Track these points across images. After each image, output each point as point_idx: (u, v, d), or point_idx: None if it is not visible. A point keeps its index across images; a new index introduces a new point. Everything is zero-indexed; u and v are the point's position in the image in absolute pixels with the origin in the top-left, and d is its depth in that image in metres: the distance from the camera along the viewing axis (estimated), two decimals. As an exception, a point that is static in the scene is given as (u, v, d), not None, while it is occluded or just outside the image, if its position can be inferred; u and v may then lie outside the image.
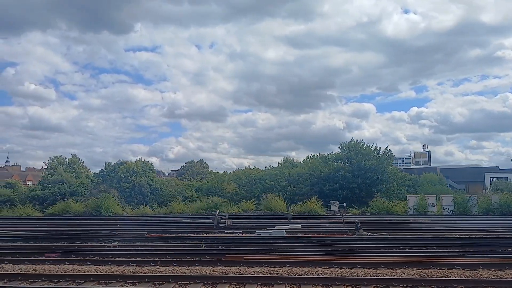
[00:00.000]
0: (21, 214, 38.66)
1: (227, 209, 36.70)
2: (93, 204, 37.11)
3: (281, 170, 49.34)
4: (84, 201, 41.48)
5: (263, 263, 12.07)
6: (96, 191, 49.34)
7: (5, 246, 16.98)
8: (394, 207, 33.58)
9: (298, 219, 27.67)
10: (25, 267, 12.19)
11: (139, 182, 50.48)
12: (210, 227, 23.92)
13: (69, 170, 56.15)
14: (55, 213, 37.74)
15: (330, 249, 15.35)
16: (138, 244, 17.64)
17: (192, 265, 12.31)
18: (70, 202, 39.48)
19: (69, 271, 11.48)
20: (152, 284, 10.21)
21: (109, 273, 11.08)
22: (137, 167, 52.01)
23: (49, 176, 53.76)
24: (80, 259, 13.78)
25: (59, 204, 39.73)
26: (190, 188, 50.39)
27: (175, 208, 37.44)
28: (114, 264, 12.66)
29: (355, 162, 45.48)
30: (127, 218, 33.38)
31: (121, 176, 50.78)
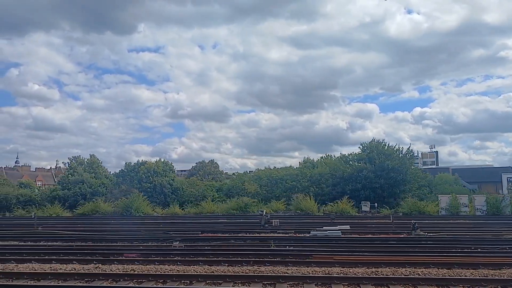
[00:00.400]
0: (51, 214, 38.63)
1: (257, 209, 36.82)
2: (123, 204, 37.16)
3: (302, 171, 49.41)
4: (114, 201, 41.58)
5: (358, 264, 12.15)
6: (117, 191, 49.41)
7: (70, 246, 17.05)
8: (426, 207, 33.68)
9: (337, 220, 27.76)
10: (121, 267, 12.25)
11: (160, 182, 50.50)
12: (256, 227, 24.04)
13: (88, 170, 56.00)
14: (85, 213, 37.77)
15: (402, 249, 15.43)
16: (200, 244, 17.72)
17: (283, 265, 12.38)
18: (99, 202, 39.48)
19: (168, 271, 11.55)
20: (262, 284, 10.28)
21: (212, 273, 11.15)
22: (158, 167, 52.04)
23: (69, 176, 53.75)
24: (160, 259, 13.86)
25: (89, 204, 39.83)
26: (211, 188, 50.45)
27: (205, 208, 37.49)
28: (205, 263, 12.73)
29: (378, 162, 45.58)
30: (164, 218, 33.46)
31: (142, 176, 50.79)
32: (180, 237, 19.17)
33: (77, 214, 38.91)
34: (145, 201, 39.15)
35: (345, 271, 11.21)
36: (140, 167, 52.75)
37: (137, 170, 52.95)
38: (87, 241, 18.77)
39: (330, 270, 11.20)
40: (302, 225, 24.75)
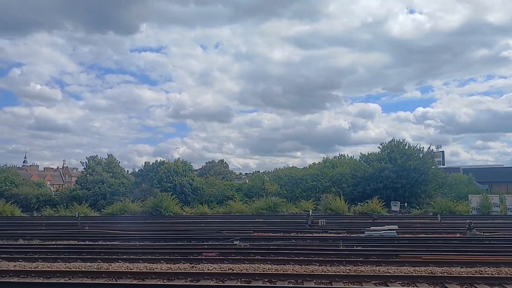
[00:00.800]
0: (80, 214, 38.59)
1: (286, 209, 37.00)
2: (152, 203, 37.22)
3: (322, 170, 49.56)
4: (135, 200, 41.65)
5: (453, 263, 12.30)
6: (137, 191, 49.49)
7: (143, 247, 17.12)
8: (456, 207, 33.92)
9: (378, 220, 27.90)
10: (210, 266, 12.37)
11: (180, 182, 50.54)
12: (299, 227, 24.21)
13: (106, 170, 55.93)
14: (114, 213, 37.78)
15: (473, 248, 15.59)
16: (263, 243, 17.83)
17: (374, 265, 12.51)
18: (127, 202, 39.54)
19: (266, 271, 11.66)
20: (373, 284, 10.41)
21: (324, 272, 11.28)
22: (177, 167, 52.07)
23: (87, 176, 53.70)
24: (240, 258, 13.95)
25: (117, 204, 39.85)
26: (231, 188, 50.55)
27: (233, 207, 37.60)
28: (295, 263, 12.85)
29: (399, 162, 45.84)
30: (197, 217, 33.58)
31: (162, 175, 50.76)
32: (239, 237, 19.27)
33: (105, 213, 38.87)
34: (174, 201, 39.19)
35: (457, 271, 11.37)
36: (159, 166, 52.77)
37: (157, 169, 52.99)
38: (131, 241, 18.86)
39: (433, 270, 11.36)
40: (348, 225, 24.88)
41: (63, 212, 42.26)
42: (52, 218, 35.51)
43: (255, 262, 13.15)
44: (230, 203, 39.50)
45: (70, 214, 39.45)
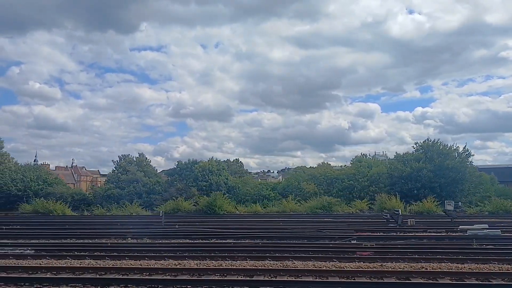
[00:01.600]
0: (132, 213, 38.56)
1: (341, 209, 37.35)
2: (206, 202, 37.37)
3: (359, 170, 49.99)
4: (187, 199, 41.72)
5: None
6: (173, 190, 49.37)
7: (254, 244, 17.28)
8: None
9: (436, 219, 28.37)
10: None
11: (216, 181, 50.59)
12: (381, 226, 24.59)
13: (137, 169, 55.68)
14: (167, 212, 37.70)
15: None
16: (392, 242, 18.16)
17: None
18: (180, 200, 39.57)
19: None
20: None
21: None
22: (212, 166, 52.08)
23: (119, 175, 53.43)
24: (396, 256, 14.22)
25: (171, 202, 39.93)
26: (266, 187, 50.71)
27: (286, 207, 37.84)
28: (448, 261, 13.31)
29: (437, 162, 46.50)
30: (261, 216, 33.78)
31: (198, 175, 50.72)
32: (355, 236, 19.53)
33: (157, 212, 38.78)
34: (227, 200, 39.34)
35: None
36: (194, 166, 52.74)
37: (191, 169, 52.97)
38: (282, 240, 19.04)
39: None
40: (430, 224, 25.29)
41: (102, 211, 41.87)
42: (121, 217, 35.15)
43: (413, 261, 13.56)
44: (283, 202, 39.63)
45: (121, 213, 39.33)
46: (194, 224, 26.32)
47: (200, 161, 53.42)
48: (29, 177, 50.27)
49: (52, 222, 30.39)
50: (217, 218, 32.58)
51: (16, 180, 49.62)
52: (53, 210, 38.56)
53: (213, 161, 53.52)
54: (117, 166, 55.49)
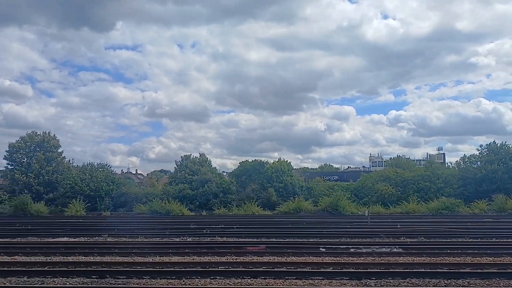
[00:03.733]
0: (254, 212, 38.94)
1: (463, 210, 37.90)
2: (328, 202, 37.22)
3: (433, 171, 50.71)
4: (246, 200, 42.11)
5: None
6: (249, 190, 48.77)
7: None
8: None
9: None
10: None
11: (291, 181, 50.26)
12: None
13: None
14: (288, 211, 37.57)
15: None
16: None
17: None
18: (300, 200, 39.69)
19: None
20: None
21: None
22: (284, 166, 51.69)
23: (186, 175, 52.19)
24: None
25: (291, 203, 39.69)
26: (340, 188, 50.65)
27: (408, 208, 38.59)
28: None
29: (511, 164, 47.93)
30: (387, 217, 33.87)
31: (272, 175, 50.21)
32: None
33: (279, 211, 39.22)
34: (347, 201, 39.30)
35: None
36: (264, 166, 52.24)
37: (259, 169, 52.45)
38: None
39: None
40: None
41: (224, 211, 41.47)
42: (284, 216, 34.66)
43: None
44: (404, 203, 40.12)
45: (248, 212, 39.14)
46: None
47: (267, 161, 53.10)
48: (99, 178, 48.53)
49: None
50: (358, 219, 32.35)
51: (86, 180, 47.81)
52: (171, 210, 38.03)
53: (284, 161, 53.07)
54: (182, 166, 54.18)
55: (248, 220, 32.16)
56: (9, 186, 48.40)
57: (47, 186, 49.11)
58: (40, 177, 48.85)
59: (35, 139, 51.44)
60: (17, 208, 39.35)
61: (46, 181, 49.14)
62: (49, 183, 49.36)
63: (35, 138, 51.60)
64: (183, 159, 55.60)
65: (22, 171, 48.75)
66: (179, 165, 55.64)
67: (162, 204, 39.10)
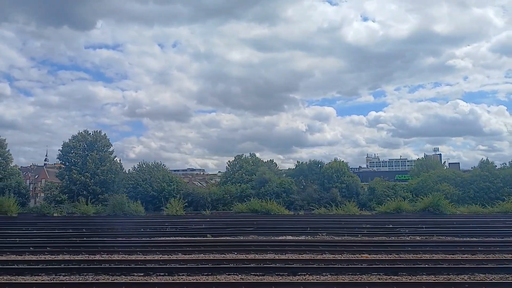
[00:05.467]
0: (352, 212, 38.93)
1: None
2: (428, 202, 37.45)
3: (491, 172, 50.92)
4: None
5: None
6: (312, 190, 48.23)
7: None
8: None
9: None
10: None
11: (353, 182, 49.89)
12: None
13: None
14: (387, 211, 38.00)
15: None
16: None
17: None
18: (399, 200, 40.01)
19: None
20: None
21: None
22: (342, 166, 51.31)
23: (243, 175, 51.47)
24: None
25: (391, 202, 39.86)
26: (401, 188, 50.42)
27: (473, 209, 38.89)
28: None
29: None
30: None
31: (333, 176, 49.75)
32: None
33: (376, 212, 39.20)
34: (446, 200, 39.07)
35: None
36: (323, 166, 51.81)
37: (317, 169, 52.01)
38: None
39: None
40: None
41: (324, 211, 40.69)
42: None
43: None
44: (500, 202, 40.39)
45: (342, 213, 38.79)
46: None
47: (329, 162, 52.61)
48: (159, 178, 47.46)
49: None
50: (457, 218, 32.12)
51: (147, 181, 46.70)
52: (271, 210, 38.11)
53: (341, 162, 52.69)
54: (237, 166, 53.43)
55: (376, 221, 31.16)
56: (66, 186, 46.89)
57: (102, 186, 47.83)
58: (96, 177, 47.53)
59: (88, 139, 49.99)
60: (115, 207, 38.52)
61: (102, 181, 47.83)
62: (104, 183, 48.06)
63: (88, 138, 50.14)
64: (236, 159, 54.92)
65: (78, 170, 47.32)
66: (232, 165, 54.93)
67: (262, 204, 38.72)
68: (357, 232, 22.56)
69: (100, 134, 51.31)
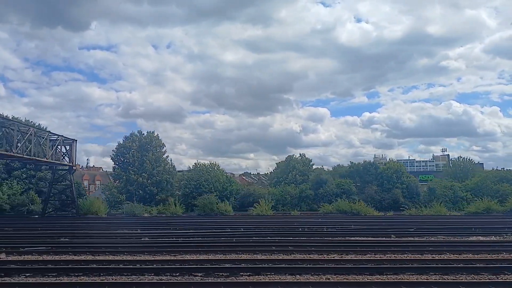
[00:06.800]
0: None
1: None
2: None
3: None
4: None
5: None
6: (372, 191, 47.49)
7: None
8: None
9: None
10: None
11: (413, 182, 49.31)
12: None
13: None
14: (476, 211, 37.73)
15: None
16: None
17: None
18: (489, 201, 39.18)
19: None
20: None
21: None
22: (400, 167, 50.72)
23: (296, 176, 50.61)
24: None
25: (480, 202, 39.42)
26: (460, 188, 49.95)
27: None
28: None
29: None
30: None
31: (392, 176, 49.11)
32: None
33: (468, 212, 38.75)
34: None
35: None
36: (380, 168, 51.19)
37: (373, 170, 51.35)
38: None
39: None
40: None
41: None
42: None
43: None
44: None
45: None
46: None
47: (387, 162, 51.92)
48: (221, 179, 46.57)
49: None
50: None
51: (209, 181, 45.70)
52: (360, 210, 37.48)
53: (397, 163, 52.06)
54: (289, 167, 52.54)
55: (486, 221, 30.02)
56: (124, 187, 45.64)
57: (157, 186, 46.70)
58: (152, 178, 46.37)
59: (141, 140, 48.79)
60: (205, 207, 38.06)
61: (158, 181, 46.69)
62: (159, 183, 46.93)
63: (142, 139, 48.94)
64: (287, 160, 54.16)
65: (135, 171, 46.13)
66: (282, 166, 54.12)
67: (350, 205, 38.27)
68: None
69: (153, 135, 50.14)
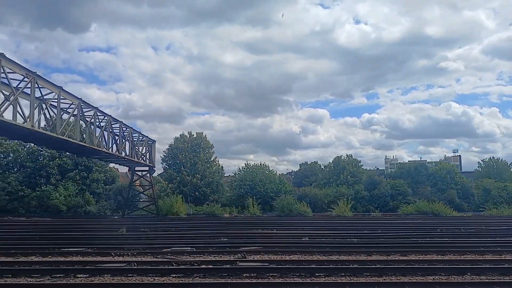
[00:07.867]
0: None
1: None
2: None
3: None
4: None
5: None
6: (427, 192, 46.79)
7: None
8: None
9: None
10: None
11: (468, 183, 48.54)
12: None
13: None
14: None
15: None
16: None
17: None
18: None
19: None
20: None
21: None
22: (453, 168, 50.08)
23: (348, 178, 50.22)
24: None
25: None
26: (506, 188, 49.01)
27: None
28: None
29: None
30: None
31: (446, 177, 48.45)
32: None
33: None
34: None
35: None
36: (431, 168, 50.65)
37: (423, 171, 50.77)
38: None
39: None
40: None
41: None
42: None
43: None
44: None
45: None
46: None
47: (440, 163, 51.31)
48: (275, 180, 46.63)
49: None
50: None
51: (265, 182, 45.69)
52: (440, 211, 37.44)
53: (448, 164, 51.41)
54: (338, 168, 52.23)
55: None
56: (177, 187, 45.69)
57: (209, 187, 46.75)
58: (205, 179, 46.45)
59: (194, 141, 49.03)
60: (284, 208, 38.85)
61: (209, 182, 46.77)
62: (211, 184, 47.00)
63: (193, 140, 49.16)
64: (335, 160, 53.98)
65: (188, 172, 46.24)
66: (331, 167, 53.87)
67: (430, 205, 38.20)
68: None
69: (202, 135, 50.30)
